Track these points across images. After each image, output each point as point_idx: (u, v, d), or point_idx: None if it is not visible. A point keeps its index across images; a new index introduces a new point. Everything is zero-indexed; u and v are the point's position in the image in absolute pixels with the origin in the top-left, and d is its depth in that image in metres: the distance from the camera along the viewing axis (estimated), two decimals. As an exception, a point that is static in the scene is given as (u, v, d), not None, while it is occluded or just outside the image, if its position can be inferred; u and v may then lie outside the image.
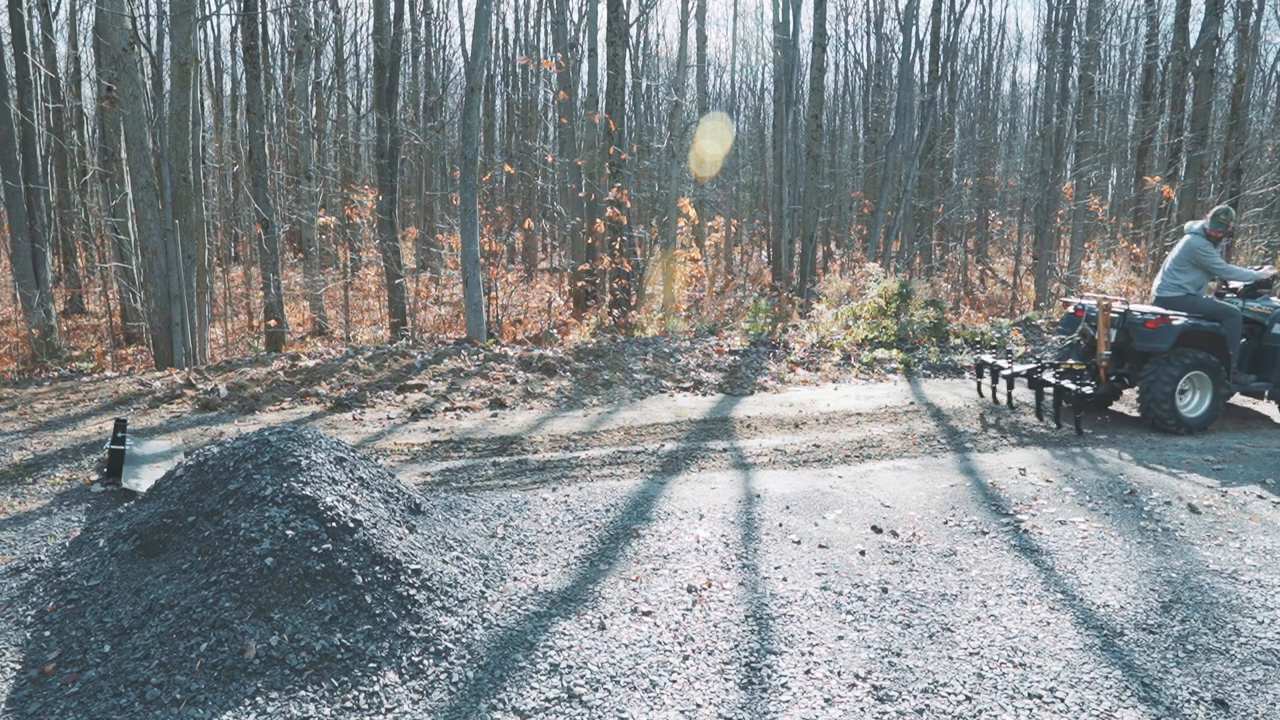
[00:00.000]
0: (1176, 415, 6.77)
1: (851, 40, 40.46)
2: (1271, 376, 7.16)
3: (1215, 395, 6.85)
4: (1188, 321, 6.80)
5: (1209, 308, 7.02)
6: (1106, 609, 3.73)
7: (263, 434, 3.94)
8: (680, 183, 17.82)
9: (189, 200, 10.12)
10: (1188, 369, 6.72)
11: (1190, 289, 7.08)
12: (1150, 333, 6.81)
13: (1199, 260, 7.01)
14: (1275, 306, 7.27)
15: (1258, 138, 20.23)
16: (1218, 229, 7.06)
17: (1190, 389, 6.93)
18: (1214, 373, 6.82)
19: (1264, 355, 7.25)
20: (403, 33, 16.11)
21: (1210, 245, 7.04)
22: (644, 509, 4.91)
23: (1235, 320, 6.99)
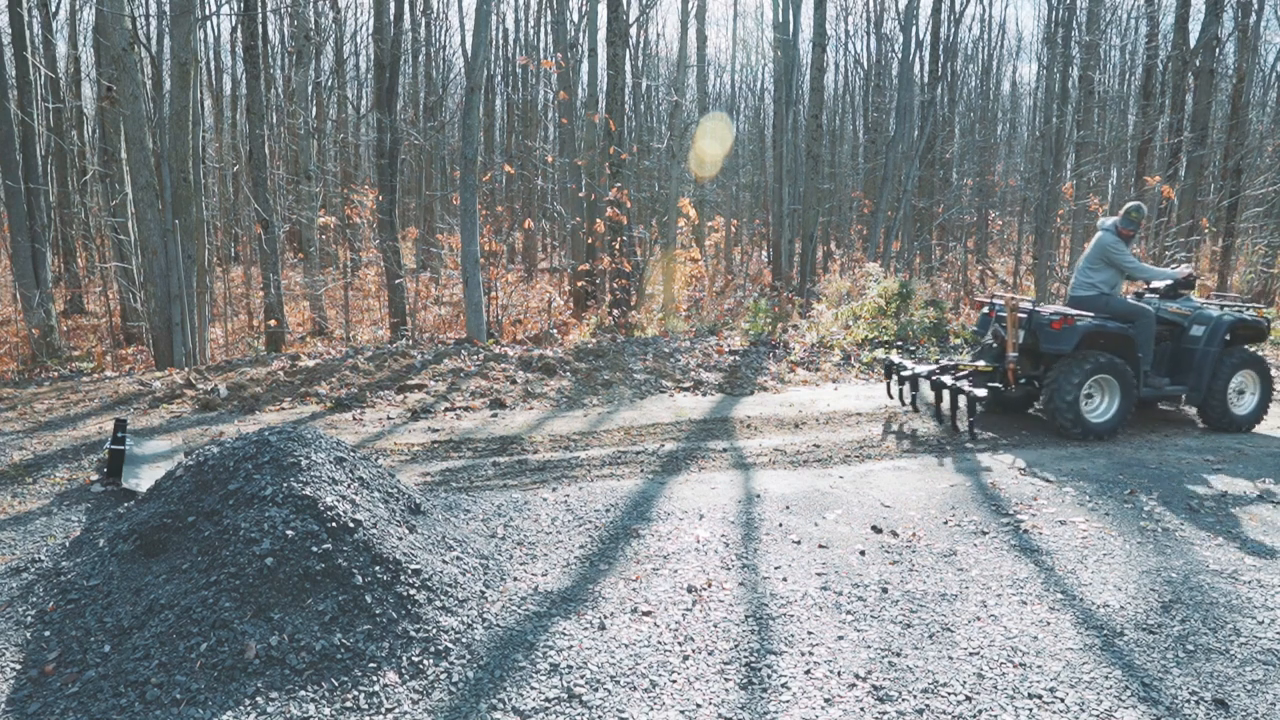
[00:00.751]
0: (1080, 420, 6.52)
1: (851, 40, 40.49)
2: (1188, 380, 6.91)
3: (1124, 399, 6.58)
4: (1093, 323, 6.56)
5: (1122, 308, 6.80)
6: (1106, 609, 3.73)
7: (263, 434, 3.94)
8: (680, 183, 17.82)
9: (189, 200, 10.13)
10: (1094, 372, 6.47)
11: (1104, 288, 6.85)
12: (1055, 334, 6.56)
13: (1110, 258, 6.79)
14: (1195, 307, 7.05)
15: (1258, 138, 20.23)
16: (1128, 226, 6.83)
17: (1098, 393, 6.66)
18: (1122, 376, 6.56)
19: (1182, 358, 6.99)
20: (403, 33, 16.11)
21: (1122, 243, 6.80)
22: (644, 509, 4.91)
23: (1147, 321, 6.75)
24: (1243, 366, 6.87)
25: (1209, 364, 6.79)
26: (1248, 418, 6.96)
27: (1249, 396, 7.02)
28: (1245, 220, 17.54)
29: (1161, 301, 7.16)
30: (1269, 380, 7.01)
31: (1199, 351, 6.85)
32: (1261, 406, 7.00)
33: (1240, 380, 6.97)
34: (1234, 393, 6.96)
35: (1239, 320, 6.91)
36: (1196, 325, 6.93)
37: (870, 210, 20.71)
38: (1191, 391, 6.88)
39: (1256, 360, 6.93)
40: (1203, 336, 6.86)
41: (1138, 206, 6.82)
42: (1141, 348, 6.73)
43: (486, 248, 13.39)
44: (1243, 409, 6.98)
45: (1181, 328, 7.03)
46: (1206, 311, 6.97)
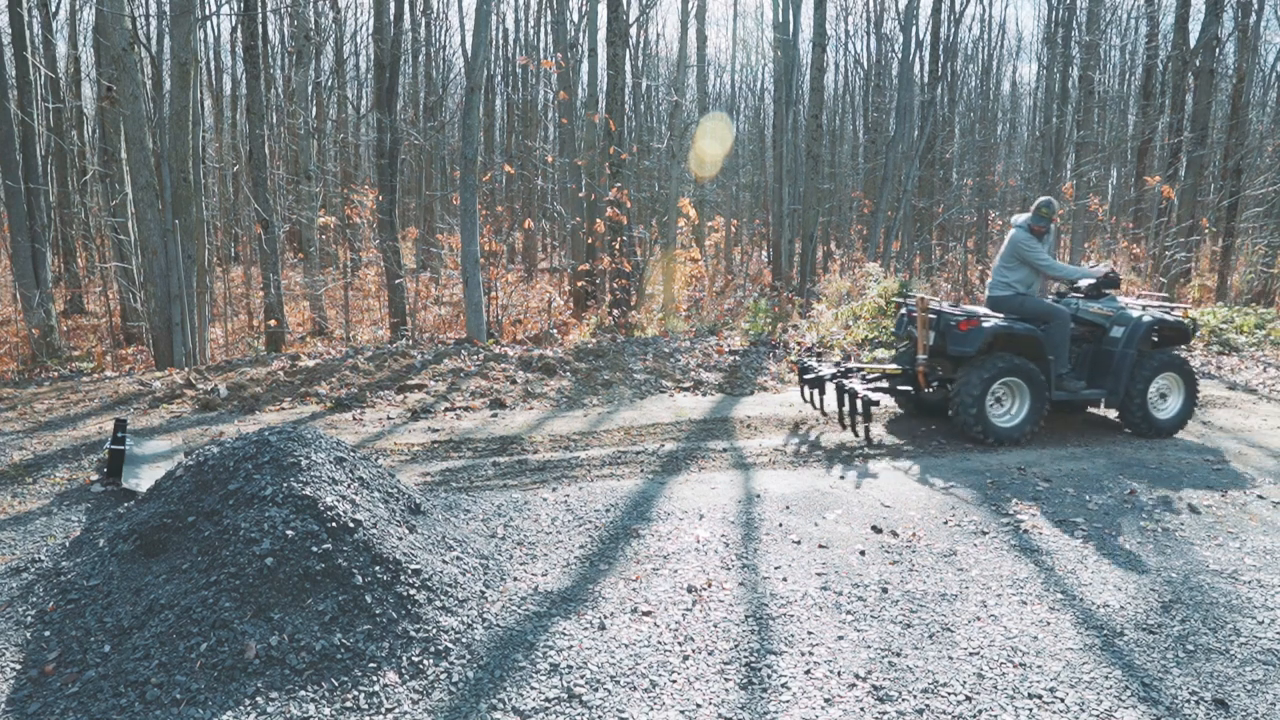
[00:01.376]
0: (985, 424, 6.29)
1: (851, 40, 40.49)
2: (1107, 383, 6.66)
3: (1033, 404, 6.36)
4: (1000, 324, 6.34)
5: (1037, 309, 6.56)
6: (1106, 609, 3.73)
7: (263, 434, 3.94)
8: (680, 183, 17.82)
9: (189, 200, 10.12)
10: (1000, 375, 6.25)
11: (1020, 288, 6.62)
12: (961, 336, 6.35)
13: (1023, 257, 6.57)
14: (1118, 308, 6.80)
15: (1258, 138, 20.23)
16: (1040, 223, 6.58)
17: (1008, 396, 6.44)
18: (1031, 379, 6.33)
19: (1102, 360, 6.73)
20: (403, 33, 16.11)
21: (1034, 240, 6.57)
22: (644, 509, 4.91)
23: (1062, 323, 6.53)
24: (1164, 370, 6.63)
25: (1127, 367, 6.56)
26: (1170, 422, 6.70)
27: (1172, 400, 6.77)
28: (1245, 220, 17.54)
29: (1083, 302, 6.93)
30: (1193, 384, 6.76)
31: (1118, 354, 6.61)
32: (1185, 411, 6.75)
33: (1163, 384, 6.73)
34: (1156, 396, 6.74)
35: (1160, 322, 6.66)
36: (1117, 327, 6.69)
37: (870, 210, 20.72)
38: (1110, 395, 6.64)
39: (1179, 363, 6.69)
40: (1122, 338, 6.62)
41: (1048, 202, 6.58)
42: (1055, 350, 6.51)
43: (486, 248, 13.39)
44: (1165, 413, 6.73)
45: (1103, 329, 6.80)
46: (1128, 312, 6.71)
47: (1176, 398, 6.78)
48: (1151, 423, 6.66)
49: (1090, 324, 6.87)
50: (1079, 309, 6.91)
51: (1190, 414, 6.79)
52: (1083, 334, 6.88)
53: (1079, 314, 6.90)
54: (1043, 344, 6.44)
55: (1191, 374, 6.76)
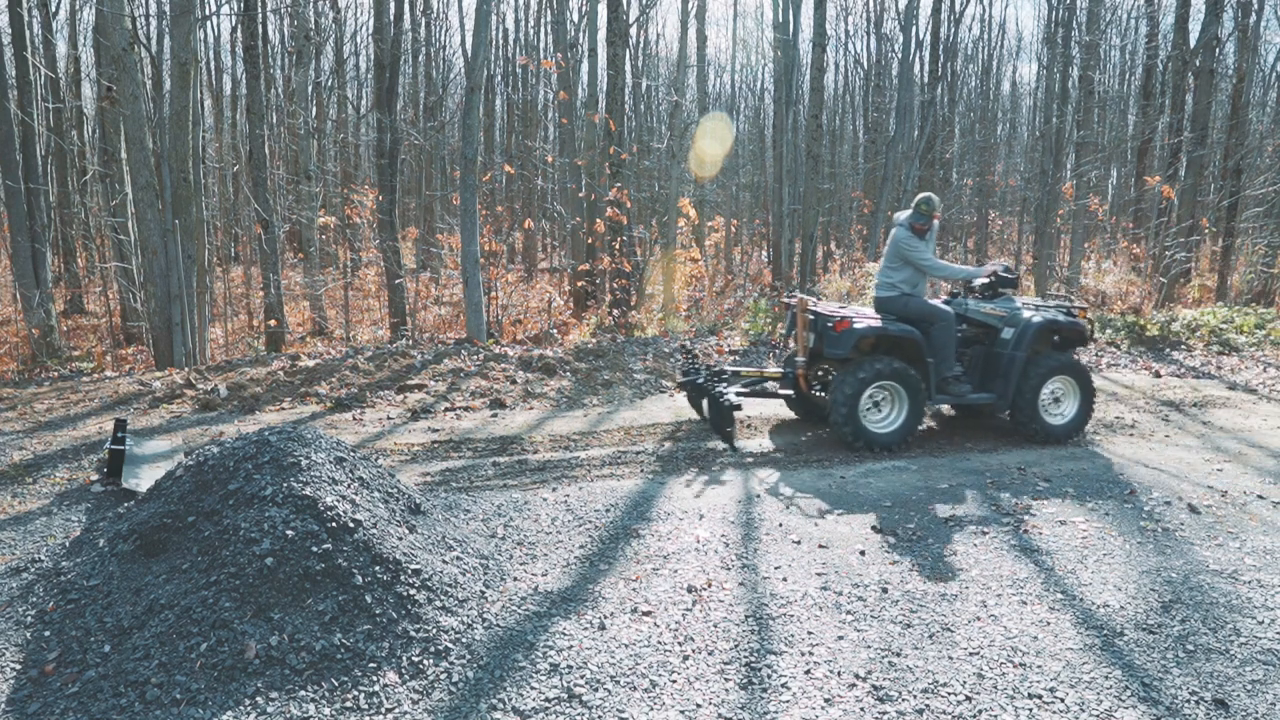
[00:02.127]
0: (858, 430, 6.05)
1: (851, 40, 40.48)
2: (996, 387, 6.39)
3: (911, 409, 6.12)
4: (872, 326, 6.09)
5: (920, 310, 6.29)
6: (1106, 609, 3.73)
7: (263, 434, 3.94)
8: (680, 183, 17.81)
9: (189, 200, 10.12)
10: (873, 379, 6.01)
11: (905, 288, 6.33)
12: (834, 338, 6.08)
13: (905, 256, 6.28)
14: (1013, 309, 6.51)
15: (1258, 138, 20.23)
16: (920, 220, 6.27)
17: (887, 401, 6.20)
18: (908, 384, 6.09)
19: (993, 363, 6.45)
20: (403, 33, 16.11)
21: (916, 239, 6.27)
22: (644, 509, 4.91)
23: (946, 325, 6.26)
24: (1056, 373, 6.37)
25: (1017, 370, 6.29)
26: (1064, 428, 6.45)
27: (1067, 405, 6.51)
28: (1245, 220, 17.53)
29: (977, 302, 6.67)
30: (1089, 388, 6.49)
31: (1006, 356, 6.34)
32: (1081, 416, 6.50)
33: (1056, 388, 6.46)
34: (1050, 401, 6.47)
35: (1053, 323, 6.40)
36: (1008, 328, 6.42)
37: (870, 210, 20.71)
38: (1000, 399, 6.38)
39: (1073, 366, 6.43)
40: (1011, 340, 6.36)
41: (927, 198, 6.26)
42: (939, 352, 6.26)
43: (486, 248, 13.39)
44: (1059, 418, 6.48)
45: (995, 331, 6.53)
46: (1020, 314, 6.44)
47: (1071, 402, 6.51)
48: (1043, 428, 6.39)
49: (983, 325, 6.62)
50: (970, 310, 6.65)
51: (1086, 419, 6.53)
52: (976, 336, 6.66)
53: (971, 315, 6.65)
54: (921, 346, 6.19)
55: (1087, 377, 6.51)
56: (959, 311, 6.70)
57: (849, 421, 6.05)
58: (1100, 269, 17.24)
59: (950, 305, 6.73)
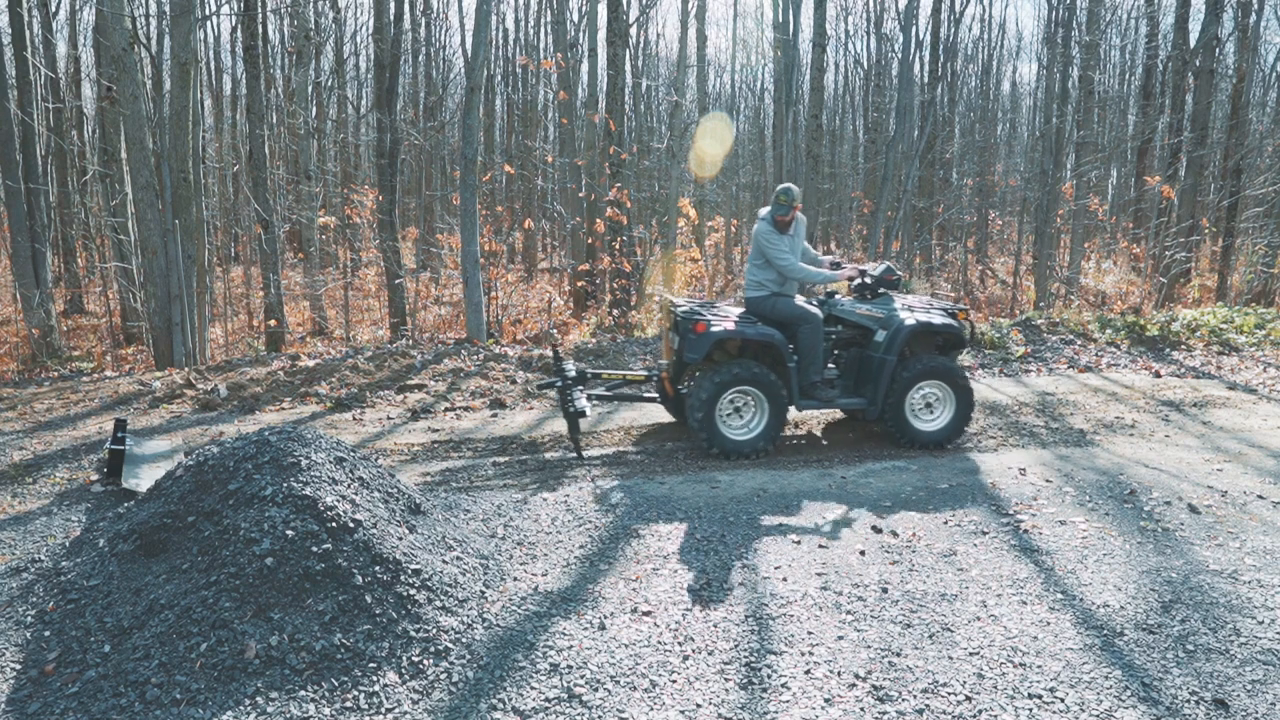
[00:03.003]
0: (713, 436, 5.83)
1: (851, 40, 40.42)
2: (867, 392, 6.17)
3: (772, 415, 5.90)
4: (728, 329, 5.83)
5: (787, 311, 6.04)
6: (1106, 609, 3.73)
7: (263, 434, 3.94)
8: (680, 183, 17.81)
9: (189, 200, 10.12)
10: (729, 384, 5.78)
11: (773, 287, 6.09)
12: (692, 340, 5.82)
13: (764, 252, 6.00)
14: (890, 310, 6.22)
15: (1258, 138, 20.23)
16: (781, 213, 5.97)
17: (749, 407, 5.97)
18: (769, 389, 5.85)
19: (865, 367, 6.23)
20: (403, 33, 16.10)
21: (776, 234, 6.00)
22: (644, 509, 4.91)
23: (813, 327, 6.00)
24: (927, 377, 6.10)
25: (886, 373, 6.05)
26: (936, 434, 6.19)
27: (939, 411, 6.24)
28: (1245, 220, 17.53)
29: (852, 303, 6.40)
30: (965, 393, 6.20)
31: (877, 360, 6.11)
32: (957, 422, 6.22)
33: (928, 392, 6.20)
34: (921, 406, 6.21)
35: (925, 325, 6.13)
36: (881, 330, 6.17)
37: (870, 210, 20.71)
38: (870, 405, 6.15)
39: (946, 370, 6.14)
40: (883, 343, 6.13)
41: (785, 189, 5.95)
42: (805, 356, 6.02)
43: (486, 248, 13.39)
44: (931, 424, 6.22)
45: (871, 333, 6.28)
46: (895, 315, 6.18)
47: (945, 408, 6.23)
48: (913, 434, 6.17)
49: (859, 327, 6.38)
50: (845, 311, 6.40)
51: (963, 425, 6.25)
52: (854, 338, 6.42)
53: (846, 316, 6.40)
54: (783, 350, 5.95)
55: (963, 381, 6.20)
56: (834, 313, 6.46)
57: (705, 427, 5.84)
58: (1100, 269, 17.25)
59: (825, 306, 6.48)
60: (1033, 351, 10.15)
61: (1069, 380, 8.84)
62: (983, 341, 10.34)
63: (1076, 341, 10.69)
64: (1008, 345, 10.31)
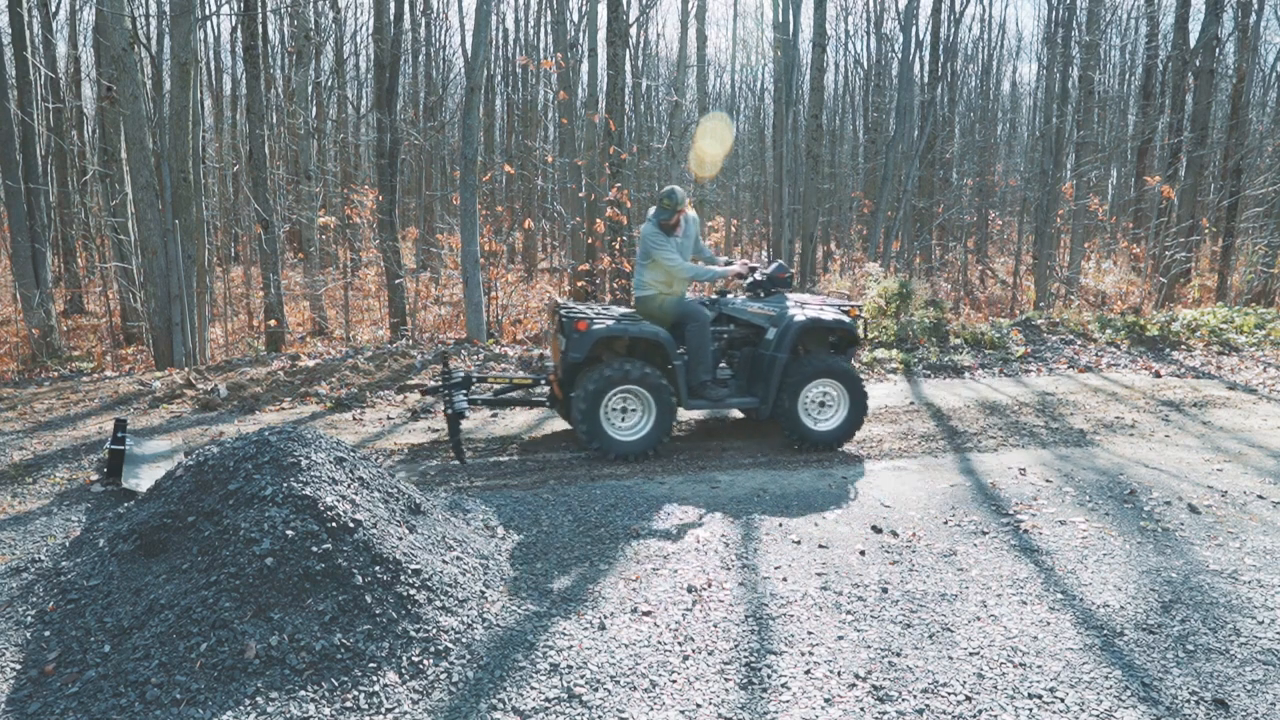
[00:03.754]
0: (598, 436, 5.74)
1: (851, 40, 40.39)
2: (759, 391, 6.10)
3: (660, 415, 5.83)
4: (611, 327, 5.76)
5: (675, 310, 6.01)
6: (1106, 609, 3.73)
7: (263, 434, 3.94)
8: (680, 183, 17.82)
9: (189, 200, 10.12)
10: (615, 383, 5.70)
11: (661, 287, 6.03)
12: (574, 340, 5.77)
13: (651, 254, 5.96)
14: (782, 308, 6.17)
15: (1258, 138, 20.23)
16: (665, 216, 5.92)
17: (637, 407, 5.88)
18: (655, 389, 5.77)
19: (756, 365, 6.16)
20: (403, 33, 16.10)
21: (661, 235, 5.93)
22: (644, 509, 4.91)
23: (700, 326, 5.97)
24: (820, 376, 6.06)
25: (777, 372, 6.00)
26: (830, 434, 6.14)
27: (834, 410, 6.19)
28: (1245, 220, 17.53)
29: (744, 301, 6.32)
30: (858, 392, 6.16)
31: (767, 358, 6.06)
32: (851, 421, 6.19)
33: (822, 392, 6.14)
34: (814, 405, 6.16)
35: (815, 321, 6.09)
36: (772, 328, 6.11)
37: (870, 210, 20.72)
38: (762, 404, 6.10)
39: (839, 369, 6.10)
40: (773, 341, 6.07)
41: (669, 191, 5.89)
42: (694, 355, 5.97)
43: (486, 248, 13.39)
44: (826, 424, 6.16)
45: (762, 331, 6.23)
46: (785, 312, 6.13)
47: (840, 407, 6.19)
48: (807, 434, 6.11)
49: (751, 326, 6.31)
50: (736, 309, 6.31)
51: (857, 425, 6.22)
52: (746, 337, 6.35)
53: (737, 315, 6.31)
54: (668, 349, 5.88)
55: (856, 381, 6.17)
56: (726, 311, 6.36)
57: (590, 428, 5.75)
58: (1100, 269, 17.25)
59: (717, 305, 6.39)
60: (1033, 351, 10.16)
61: (1069, 380, 8.84)
62: (983, 341, 10.34)
63: (1076, 341, 10.70)
64: (1008, 345, 10.31)
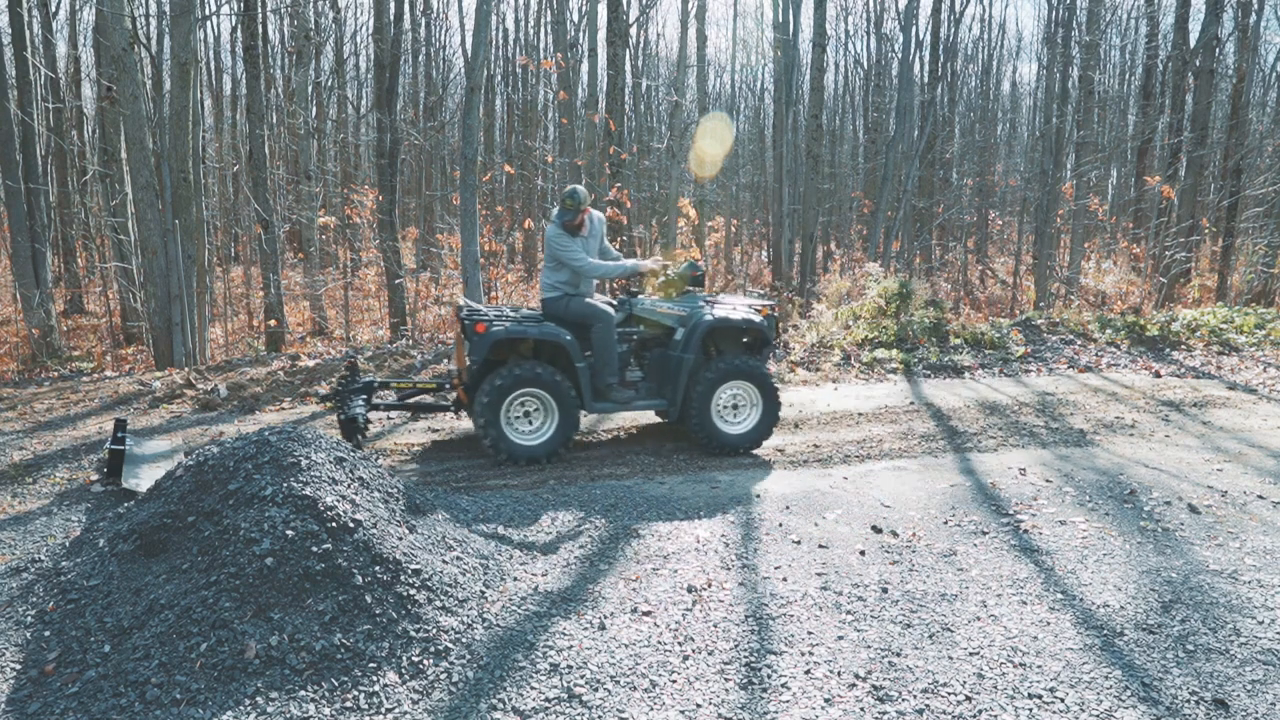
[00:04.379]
0: (500, 441, 5.60)
1: (851, 40, 40.40)
2: (667, 392, 5.99)
3: (563, 419, 5.72)
4: (510, 328, 5.65)
5: (580, 311, 5.88)
6: (1106, 609, 3.73)
7: (263, 434, 3.94)
8: (680, 183, 17.81)
9: (189, 200, 10.13)
10: (514, 387, 5.58)
11: (567, 289, 5.95)
12: (474, 341, 5.65)
13: (556, 255, 5.88)
14: (696, 308, 6.06)
15: (1258, 138, 20.23)
16: (567, 217, 5.83)
17: (539, 411, 5.76)
18: (556, 391, 5.65)
19: (666, 366, 6.05)
20: (403, 33, 16.10)
21: (565, 235, 5.85)
22: (644, 509, 4.91)
23: (604, 326, 5.85)
24: (731, 377, 5.96)
25: (685, 373, 5.90)
26: (742, 438, 6.04)
27: (746, 413, 6.09)
28: (1245, 220, 17.53)
29: (654, 301, 6.18)
30: (771, 394, 6.08)
31: (674, 359, 5.96)
32: (764, 424, 6.09)
33: (734, 393, 6.04)
34: (727, 407, 6.05)
35: (724, 321, 5.99)
36: (681, 328, 6.00)
37: (870, 210, 20.72)
38: (670, 405, 5.99)
39: (751, 371, 6.00)
40: (681, 341, 5.97)
41: (571, 191, 5.80)
42: (599, 356, 5.86)
43: (486, 248, 13.39)
44: (738, 426, 6.06)
45: (673, 332, 6.11)
46: (695, 312, 6.03)
47: (752, 409, 6.09)
48: (718, 437, 5.99)
49: (662, 326, 6.19)
50: (646, 310, 6.17)
51: (770, 427, 6.12)
52: (657, 337, 6.23)
53: (647, 315, 6.17)
54: (569, 350, 5.76)
55: (768, 382, 6.07)
56: (636, 312, 6.21)
57: (490, 432, 5.61)
58: (1100, 269, 17.25)
59: (627, 306, 6.24)
60: (1033, 351, 10.15)
61: (1069, 380, 8.85)
62: (983, 341, 10.34)
63: (1076, 341, 10.69)
64: (1008, 345, 10.31)
